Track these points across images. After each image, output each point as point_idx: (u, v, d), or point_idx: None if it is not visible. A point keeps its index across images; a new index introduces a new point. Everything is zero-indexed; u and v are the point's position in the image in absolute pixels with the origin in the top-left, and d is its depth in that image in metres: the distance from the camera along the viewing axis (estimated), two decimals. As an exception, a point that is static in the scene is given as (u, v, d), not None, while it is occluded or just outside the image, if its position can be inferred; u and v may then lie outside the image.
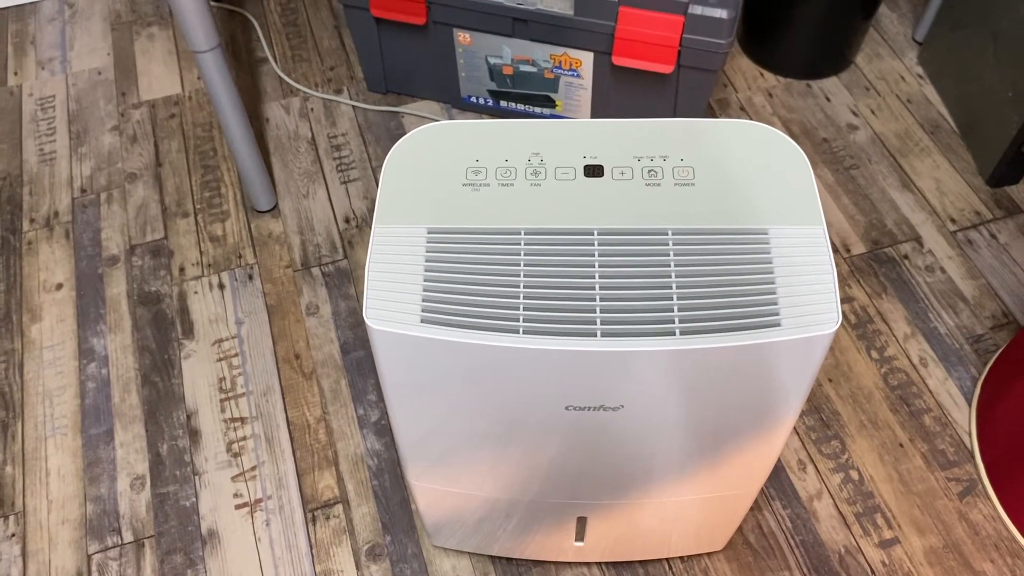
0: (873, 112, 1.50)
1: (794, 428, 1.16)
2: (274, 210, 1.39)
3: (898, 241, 1.34)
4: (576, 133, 0.72)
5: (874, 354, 1.22)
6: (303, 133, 1.49)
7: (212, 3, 1.67)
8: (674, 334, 0.64)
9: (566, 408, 0.71)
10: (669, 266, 0.66)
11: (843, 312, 1.27)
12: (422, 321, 0.64)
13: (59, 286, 1.31)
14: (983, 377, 1.18)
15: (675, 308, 0.64)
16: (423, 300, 0.65)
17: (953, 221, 1.36)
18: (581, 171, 0.70)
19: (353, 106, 1.52)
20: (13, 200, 1.41)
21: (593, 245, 0.66)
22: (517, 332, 0.64)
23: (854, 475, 1.12)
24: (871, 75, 1.55)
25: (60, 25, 1.66)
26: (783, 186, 0.69)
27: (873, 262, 1.32)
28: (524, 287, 0.65)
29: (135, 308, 1.29)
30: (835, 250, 1.33)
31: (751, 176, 0.70)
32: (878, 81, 1.54)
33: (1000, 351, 1.18)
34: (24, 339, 1.26)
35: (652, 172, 0.70)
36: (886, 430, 1.16)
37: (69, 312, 1.28)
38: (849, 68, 1.56)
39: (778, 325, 0.64)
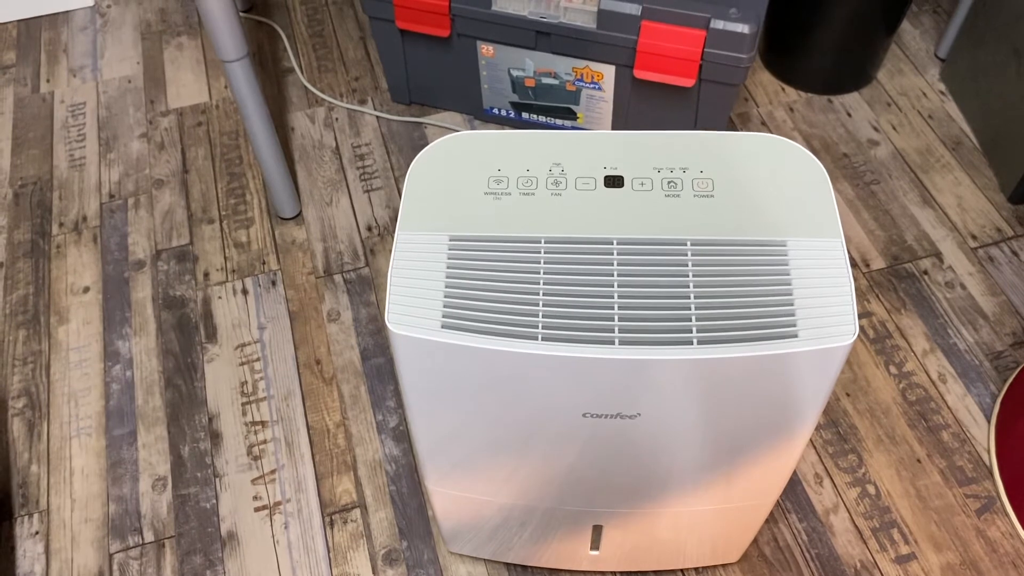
0: (894, 128, 1.50)
1: (811, 441, 1.16)
2: (298, 217, 1.41)
3: (918, 257, 1.34)
4: (597, 144, 0.73)
5: (892, 369, 1.22)
6: (327, 142, 1.51)
7: (241, 13, 1.70)
8: (692, 343, 0.64)
9: (583, 415, 0.72)
10: (687, 276, 0.66)
11: (862, 327, 1.27)
12: (443, 327, 0.65)
13: (86, 289, 1.33)
14: (1002, 394, 1.18)
15: (693, 317, 0.65)
16: (444, 306, 0.66)
17: (974, 238, 1.35)
18: (601, 181, 0.71)
19: (377, 116, 1.54)
20: (43, 204, 1.44)
21: (612, 254, 0.67)
22: (536, 339, 0.65)
23: (871, 490, 1.12)
24: (893, 91, 1.55)
25: (92, 34, 1.69)
26: (802, 198, 0.70)
27: (892, 277, 1.31)
28: (543, 295, 0.66)
29: (160, 312, 1.31)
30: (854, 265, 1.33)
31: (770, 188, 0.70)
32: (900, 97, 1.54)
33: (1020, 368, 1.18)
34: (51, 341, 1.28)
35: (672, 183, 0.71)
36: (904, 445, 1.16)
37: (95, 315, 1.31)
38: (871, 84, 1.56)
39: (795, 336, 0.64)
